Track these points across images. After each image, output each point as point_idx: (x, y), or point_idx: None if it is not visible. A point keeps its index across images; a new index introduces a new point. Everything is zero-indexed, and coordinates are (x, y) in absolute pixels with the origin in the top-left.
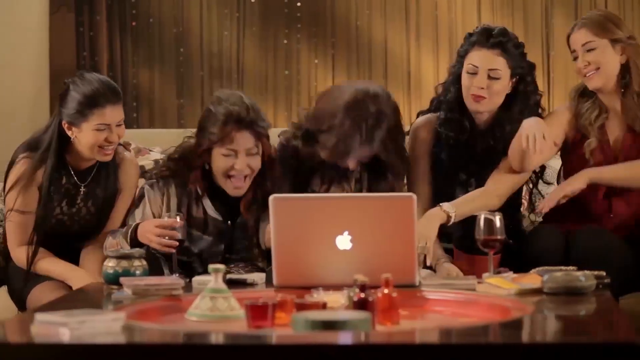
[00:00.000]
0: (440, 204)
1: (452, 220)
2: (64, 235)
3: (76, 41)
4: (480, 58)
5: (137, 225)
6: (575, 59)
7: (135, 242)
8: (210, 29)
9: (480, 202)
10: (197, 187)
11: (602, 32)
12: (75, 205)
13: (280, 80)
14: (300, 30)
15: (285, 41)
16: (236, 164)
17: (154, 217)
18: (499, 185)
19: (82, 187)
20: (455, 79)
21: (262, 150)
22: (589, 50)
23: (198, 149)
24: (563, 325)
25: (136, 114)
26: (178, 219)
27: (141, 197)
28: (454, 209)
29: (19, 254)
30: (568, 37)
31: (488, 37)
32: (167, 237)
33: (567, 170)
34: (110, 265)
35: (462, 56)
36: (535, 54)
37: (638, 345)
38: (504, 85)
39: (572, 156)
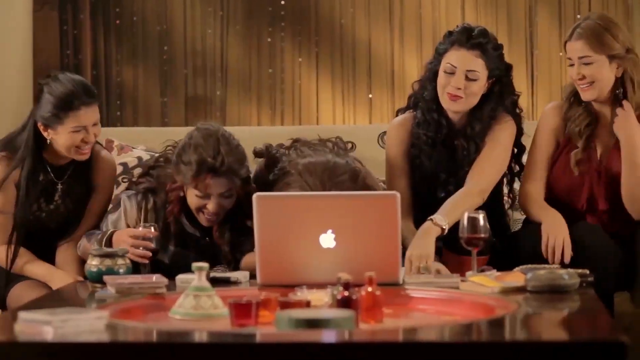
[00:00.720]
0: (431, 218)
1: (446, 231)
2: (42, 232)
3: (60, 39)
4: (459, 58)
5: (112, 233)
6: (571, 65)
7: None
8: (194, 27)
9: (465, 205)
10: (172, 213)
11: (600, 48)
12: (52, 202)
13: (264, 79)
14: (284, 28)
15: (269, 39)
16: (208, 204)
17: (128, 228)
18: (479, 181)
19: (60, 184)
20: (431, 76)
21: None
22: (585, 64)
23: (173, 183)
24: (546, 323)
25: (119, 112)
26: (152, 229)
27: (118, 205)
28: (445, 220)
29: None
30: (565, 42)
31: (468, 38)
32: (141, 248)
33: (551, 176)
34: (94, 263)
35: (440, 54)
36: (519, 53)
37: (621, 343)
38: (480, 87)
39: (557, 163)
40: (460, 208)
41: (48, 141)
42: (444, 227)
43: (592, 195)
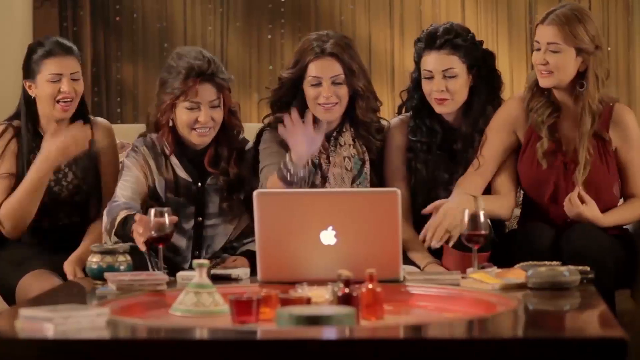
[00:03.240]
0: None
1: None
2: (55, 205)
3: (60, 36)
4: (432, 62)
5: (122, 220)
6: (538, 50)
7: (124, 236)
8: (194, 24)
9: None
10: (164, 145)
11: (570, 38)
12: (60, 171)
13: (264, 75)
14: (284, 25)
15: (269, 36)
16: (200, 116)
17: (144, 178)
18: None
19: None
20: (416, 85)
21: (224, 103)
22: (552, 51)
23: (161, 106)
24: (547, 320)
25: (120, 109)
26: (166, 215)
27: (123, 168)
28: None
29: (4, 210)
30: (536, 25)
31: (434, 39)
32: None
33: (520, 171)
34: (95, 260)
35: (417, 62)
36: (519, 50)
37: (622, 339)
38: (462, 82)
39: (523, 156)
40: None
41: (34, 99)
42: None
43: (557, 187)
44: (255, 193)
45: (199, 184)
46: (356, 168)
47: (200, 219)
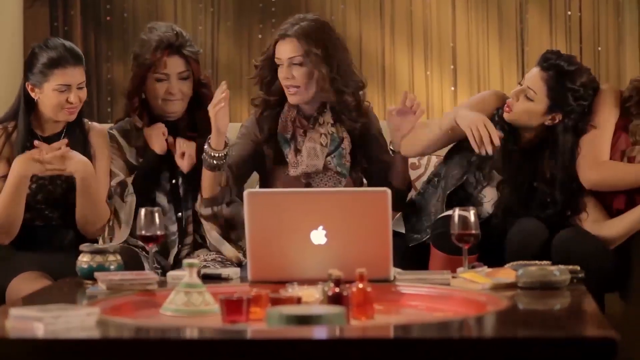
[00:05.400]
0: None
1: None
2: (49, 204)
3: (50, 36)
4: None
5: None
6: None
7: None
8: (185, 23)
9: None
10: (135, 121)
11: None
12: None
13: None
14: (275, 24)
15: (260, 36)
16: (170, 88)
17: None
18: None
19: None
20: None
21: (193, 75)
22: None
23: (134, 80)
24: (537, 320)
25: (110, 109)
26: (157, 215)
27: None
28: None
29: None
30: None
31: None
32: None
33: None
34: (85, 260)
35: None
36: (509, 49)
37: (612, 339)
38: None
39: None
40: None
41: (36, 101)
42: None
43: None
44: (245, 193)
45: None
46: (333, 145)
47: (174, 181)
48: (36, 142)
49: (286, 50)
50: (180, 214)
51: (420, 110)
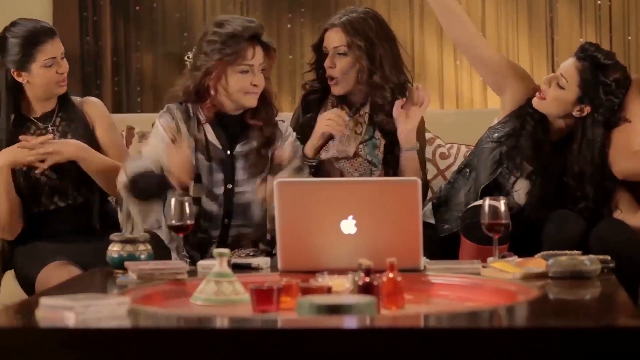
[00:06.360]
0: None
1: None
2: (54, 187)
3: (80, 25)
4: None
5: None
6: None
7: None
8: (214, 13)
9: None
10: (199, 113)
11: None
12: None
13: (284, 65)
14: (304, 14)
15: (288, 25)
16: (254, 80)
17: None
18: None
19: (51, 127)
20: None
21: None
22: None
23: (205, 77)
24: (568, 310)
25: (139, 99)
26: (187, 204)
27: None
28: None
29: None
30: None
31: None
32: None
33: None
34: (115, 249)
35: None
36: (539, 38)
37: None
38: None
39: None
40: None
41: (23, 85)
42: None
43: None
44: (275, 182)
45: (228, 151)
46: (368, 134)
47: (230, 186)
48: (21, 137)
49: (332, 39)
50: (227, 220)
51: (427, 102)
